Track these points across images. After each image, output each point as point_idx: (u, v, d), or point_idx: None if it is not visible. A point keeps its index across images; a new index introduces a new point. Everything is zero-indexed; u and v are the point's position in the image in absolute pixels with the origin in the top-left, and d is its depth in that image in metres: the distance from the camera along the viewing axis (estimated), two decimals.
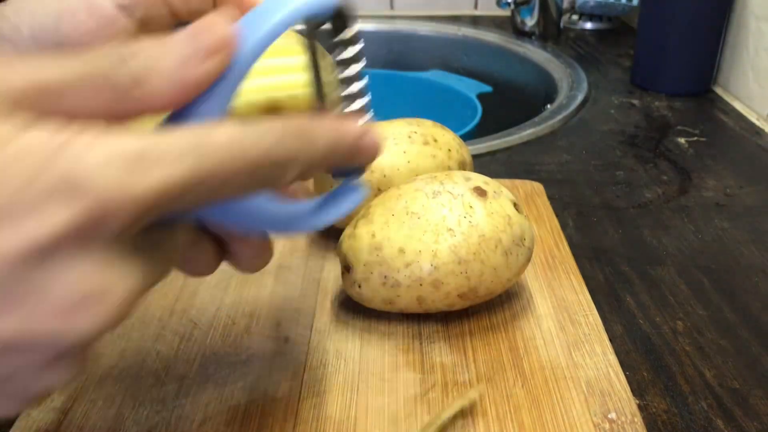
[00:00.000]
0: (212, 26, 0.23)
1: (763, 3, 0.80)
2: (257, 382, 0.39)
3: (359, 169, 0.28)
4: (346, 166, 0.27)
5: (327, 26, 0.27)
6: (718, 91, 0.88)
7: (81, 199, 0.19)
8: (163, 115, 0.24)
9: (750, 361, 0.43)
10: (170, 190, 0.20)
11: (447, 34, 1.16)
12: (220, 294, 0.46)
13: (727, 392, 0.41)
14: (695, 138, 0.75)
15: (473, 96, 0.97)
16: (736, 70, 0.85)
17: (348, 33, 0.27)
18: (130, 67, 0.22)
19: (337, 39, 0.27)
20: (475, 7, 1.25)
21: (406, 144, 0.49)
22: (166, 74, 0.22)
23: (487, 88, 1.02)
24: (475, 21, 1.21)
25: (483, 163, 0.68)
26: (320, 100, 0.28)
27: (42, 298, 0.19)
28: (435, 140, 0.50)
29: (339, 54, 0.28)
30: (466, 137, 0.64)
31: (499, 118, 0.89)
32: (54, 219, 0.19)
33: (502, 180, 0.61)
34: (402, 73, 1.08)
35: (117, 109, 0.22)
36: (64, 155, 0.19)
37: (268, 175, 0.22)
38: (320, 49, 0.28)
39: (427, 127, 0.51)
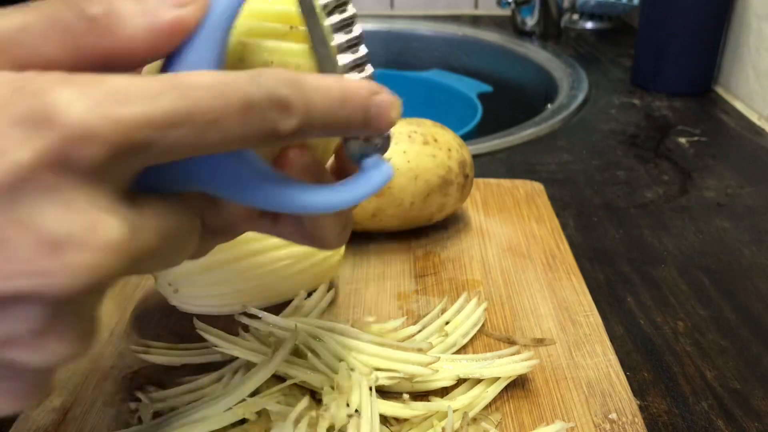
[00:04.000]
0: None
1: (764, 2, 0.80)
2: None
3: (379, 147, 0.26)
4: (364, 144, 0.26)
5: None
6: (719, 90, 0.88)
7: (50, 130, 0.18)
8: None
9: (751, 362, 0.43)
10: (148, 124, 0.19)
11: (447, 34, 1.16)
12: None
13: (728, 393, 0.41)
14: (696, 138, 0.75)
15: (473, 96, 0.97)
16: (737, 70, 0.85)
17: None
18: (87, 11, 0.21)
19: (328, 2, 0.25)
20: (475, 6, 1.25)
21: (406, 144, 0.49)
22: (128, 18, 0.21)
23: (488, 88, 1.02)
24: (475, 21, 1.20)
25: (483, 163, 0.68)
26: (322, 66, 0.26)
27: (17, 240, 0.18)
28: (435, 140, 0.50)
29: (336, 17, 0.26)
30: (466, 137, 0.64)
31: (499, 118, 0.88)
32: (21, 153, 0.17)
33: (502, 180, 0.61)
34: (402, 73, 1.08)
35: (79, 56, 0.21)
36: (30, 89, 0.18)
37: (261, 119, 0.21)
38: (318, 11, 0.25)
39: (427, 126, 0.51)
